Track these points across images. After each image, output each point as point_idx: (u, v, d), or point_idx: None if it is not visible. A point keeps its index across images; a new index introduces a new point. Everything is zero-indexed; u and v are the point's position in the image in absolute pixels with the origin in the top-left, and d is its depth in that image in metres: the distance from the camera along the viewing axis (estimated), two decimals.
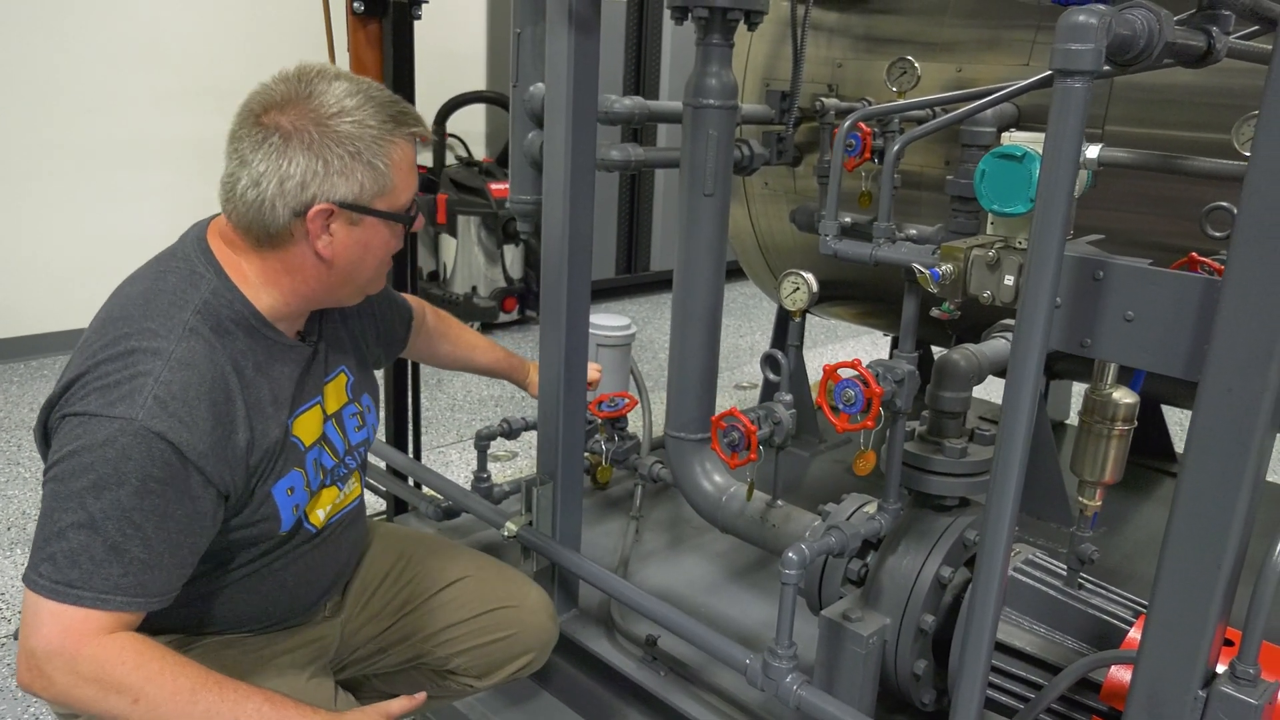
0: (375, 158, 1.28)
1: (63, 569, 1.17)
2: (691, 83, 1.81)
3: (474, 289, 5.31)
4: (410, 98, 2.38)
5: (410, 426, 2.64)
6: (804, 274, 1.71)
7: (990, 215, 1.31)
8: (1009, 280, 1.30)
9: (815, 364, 5.15)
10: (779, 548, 1.86)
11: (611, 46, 5.52)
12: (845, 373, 1.42)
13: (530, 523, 1.94)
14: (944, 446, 1.56)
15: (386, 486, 2.38)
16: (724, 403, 4.60)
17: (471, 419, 4.14)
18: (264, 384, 1.34)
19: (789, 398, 1.71)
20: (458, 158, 5.63)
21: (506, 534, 1.93)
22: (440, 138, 5.36)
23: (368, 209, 1.30)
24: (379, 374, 2.01)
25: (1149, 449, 2.81)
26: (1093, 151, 1.23)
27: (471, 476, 2.30)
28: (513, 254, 5.35)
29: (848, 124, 1.55)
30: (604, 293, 6.03)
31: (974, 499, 1.62)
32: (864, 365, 1.41)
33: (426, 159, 5.53)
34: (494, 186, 5.15)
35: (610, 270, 6.01)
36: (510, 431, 2.28)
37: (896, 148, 1.48)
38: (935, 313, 1.43)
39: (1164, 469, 2.86)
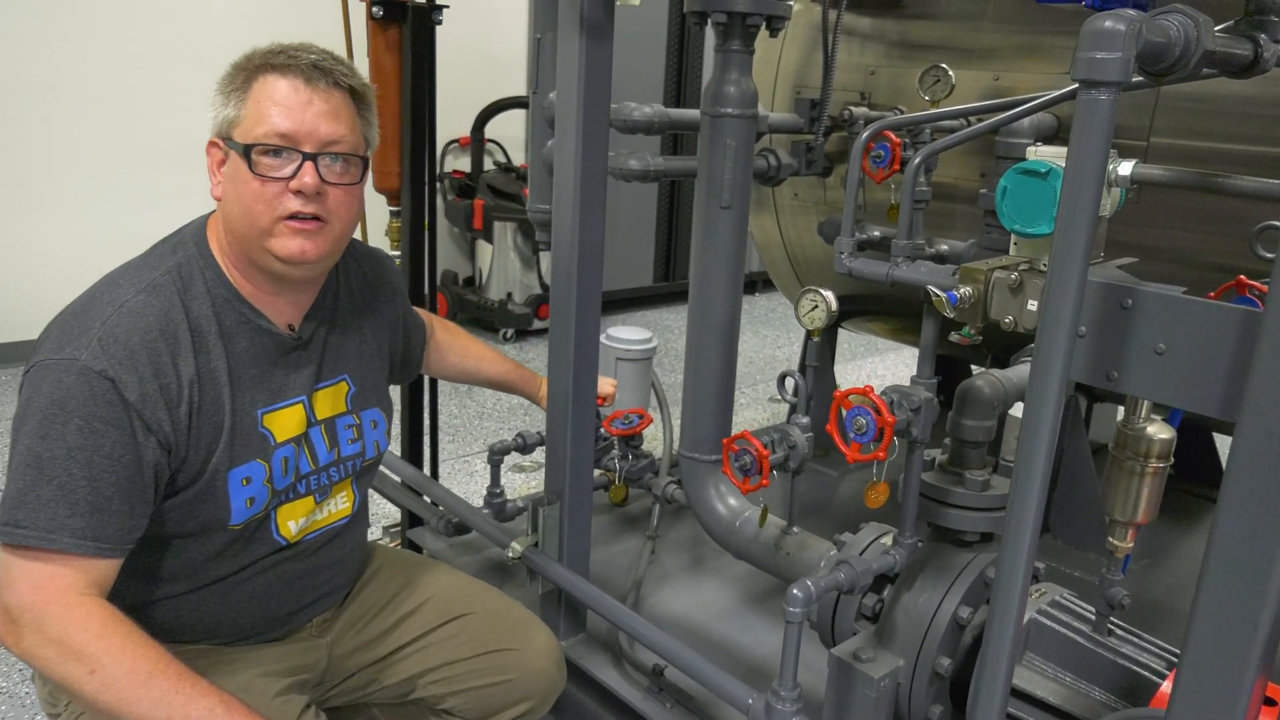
0: (236, 87, 1.32)
1: (10, 509, 1.19)
2: (709, 90, 1.74)
3: (509, 295, 5.28)
4: (431, 103, 2.34)
5: (427, 437, 2.60)
6: (823, 291, 1.63)
7: (1014, 235, 1.22)
8: (1032, 305, 1.21)
9: (856, 376, 5.03)
10: (793, 577, 1.78)
11: (652, 52, 5.46)
12: (856, 399, 1.33)
13: (536, 544, 1.88)
14: (965, 478, 1.47)
15: (400, 499, 2.34)
16: (756, 416, 4.48)
17: (499, 427, 4.10)
18: (222, 354, 1.33)
19: (805, 420, 1.64)
20: (495, 163, 5.61)
21: (511, 555, 1.87)
22: (478, 143, 5.34)
23: (227, 139, 1.32)
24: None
25: (1198, 475, 2.67)
26: (1125, 168, 1.14)
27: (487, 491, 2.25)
28: (548, 260, 5.31)
29: (866, 135, 1.47)
30: (641, 301, 5.97)
31: (997, 534, 1.52)
32: (877, 392, 1.33)
33: (465, 164, 5.52)
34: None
35: (648, 279, 5.94)
36: (525, 446, 2.22)
37: (916, 160, 1.39)
38: (955, 337, 1.34)
39: (1212, 497, 2.72)
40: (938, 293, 1.21)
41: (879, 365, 5.31)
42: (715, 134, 1.75)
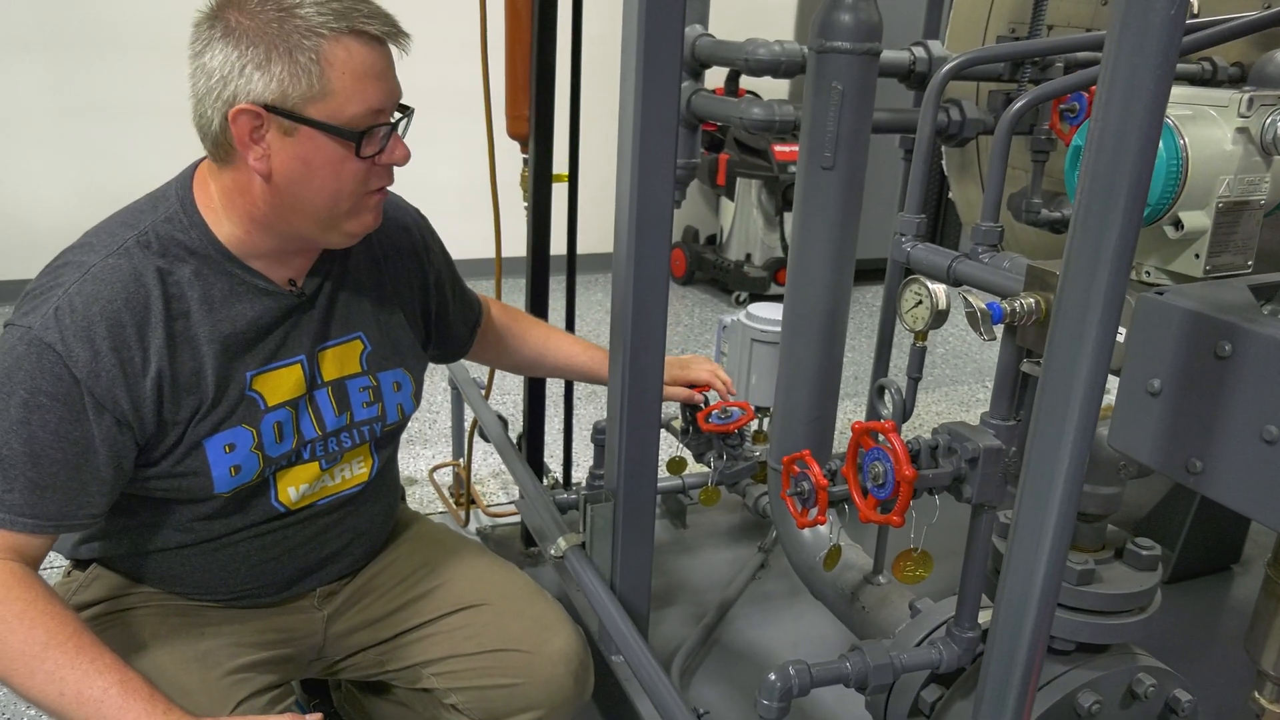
0: (299, 51, 1.11)
1: None
2: (817, 18, 1.38)
3: (748, 256, 4.99)
4: (576, 41, 2.12)
5: (566, 398, 2.41)
6: (930, 284, 1.24)
7: None
8: (1122, 331, 0.79)
9: None
10: (867, 636, 1.43)
11: None
12: (877, 437, 0.97)
13: (584, 544, 1.64)
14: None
15: (505, 460, 2.19)
16: (950, 411, 3.84)
17: None
18: (206, 319, 1.21)
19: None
20: None
21: (554, 552, 1.65)
22: (732, 93, 5.05)
23: (297, 115, 1.13)
24: None
25: None
26: None
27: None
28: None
29: (943, 74, 1.05)
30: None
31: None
32: (899, 433, 0.95)
33: None
34: (779, 149, 4.77)
35: None
36: None
37: (1018, 105, 0.97)
38: (1028, 367, 0.93)
39: None
40: (974, 304, 0.82)
41: None
42: (820, 74, 1.39)
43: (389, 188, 1.27)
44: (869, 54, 1.37)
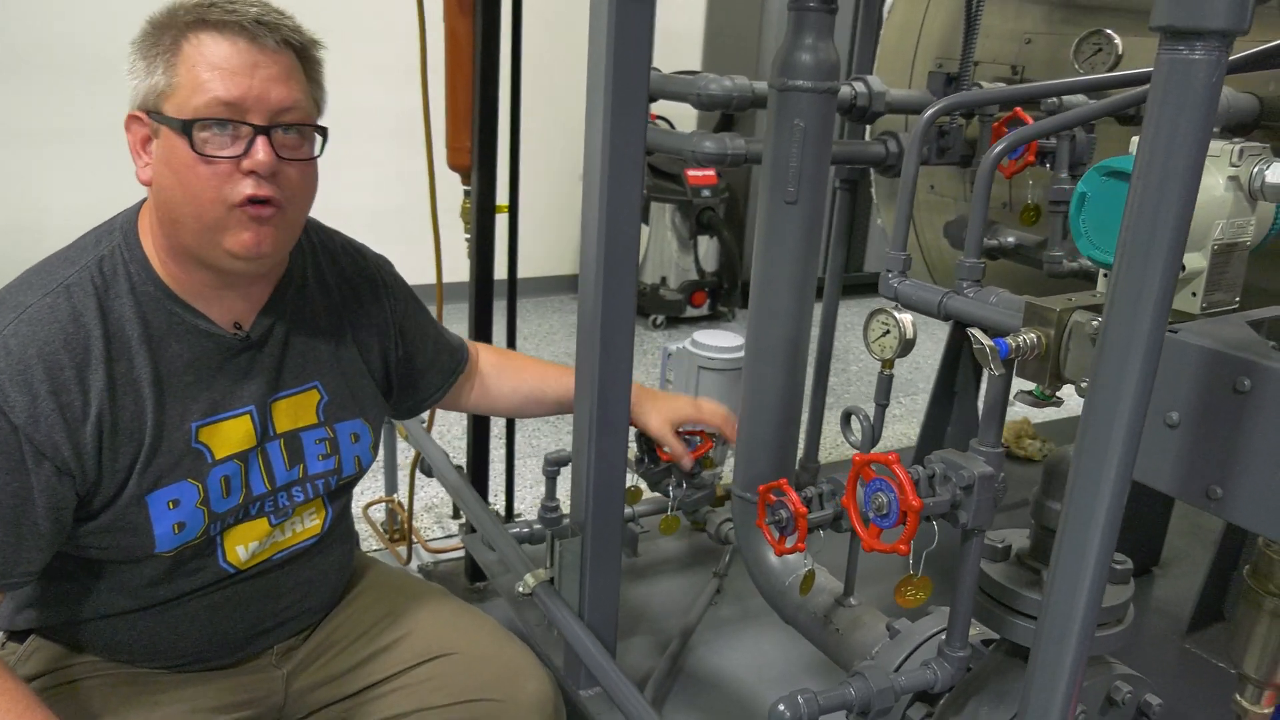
0: (160, 48, 1.11)
1: None
2: (777, 58, 1.42)
3: (663, 280, 5.04)
4: (515, 73, 2.12)
5: (507, 429, 2.41)
6: (896, 313, 1.28)
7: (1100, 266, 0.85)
8: None
9: None
10: (839, 658, 1.46)
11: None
12: (878, 469, 1.00)
13: (552, 580, 1.64)
14: (1045, 579, 1.09)
15: (454, 497, 2.16)
16: (909, 431, 3.98)
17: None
18: (147, 360, 1.15)
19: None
20: None
21: (522, 590, 1.64)
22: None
23: (155, 113, 1.12)
24: None
25: None
26: (1277, 173, 0.75)
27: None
28: (706, 245, 5.03)
29: (931, 113, 1.11)
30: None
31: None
32: (903, 464, 0.99)
33: None
34: (691, 174, 4.84)
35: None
36: None
37: (998, 149, 1.02)
38: (1017, 402, 0.98)
39: None
40: (981, 340, 0.86)
41: None
42: (782, 112, 1.43)
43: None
44: (829, 92, 1.42)
